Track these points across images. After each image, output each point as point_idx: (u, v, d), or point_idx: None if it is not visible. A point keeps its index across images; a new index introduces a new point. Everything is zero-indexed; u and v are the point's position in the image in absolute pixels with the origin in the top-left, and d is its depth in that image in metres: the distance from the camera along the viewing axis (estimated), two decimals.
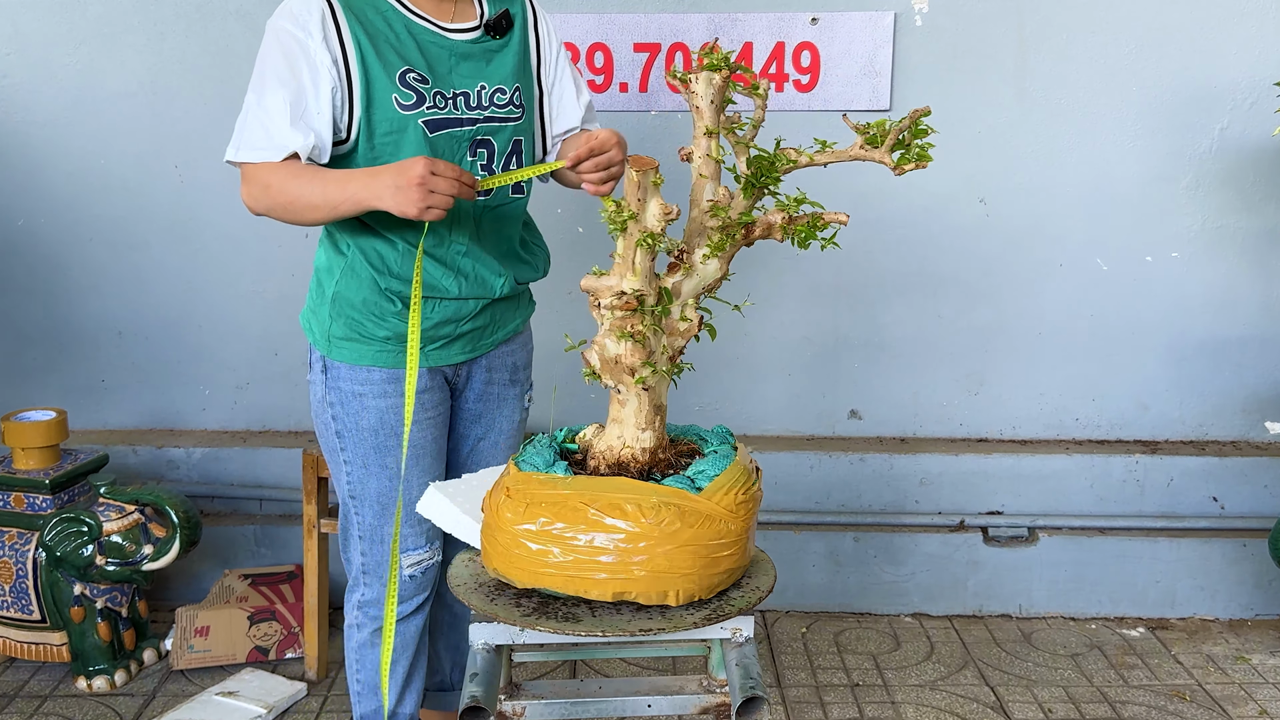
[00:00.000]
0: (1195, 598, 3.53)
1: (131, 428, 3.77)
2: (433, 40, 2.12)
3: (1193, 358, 3.60)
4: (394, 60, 2.07)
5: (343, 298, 2.18)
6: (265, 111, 2.02)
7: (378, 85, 2.05)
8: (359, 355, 2.19)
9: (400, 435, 2.19)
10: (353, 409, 2.21)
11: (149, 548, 3.07)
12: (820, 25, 3.40)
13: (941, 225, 3.54)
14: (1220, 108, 3.43)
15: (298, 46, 2.01)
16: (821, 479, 3.57)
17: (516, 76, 2.22)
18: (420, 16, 2.12)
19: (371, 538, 2.30)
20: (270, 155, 2.02)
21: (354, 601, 2.37)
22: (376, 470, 2.25)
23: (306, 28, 2.01)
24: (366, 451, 2.23)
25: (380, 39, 2.06)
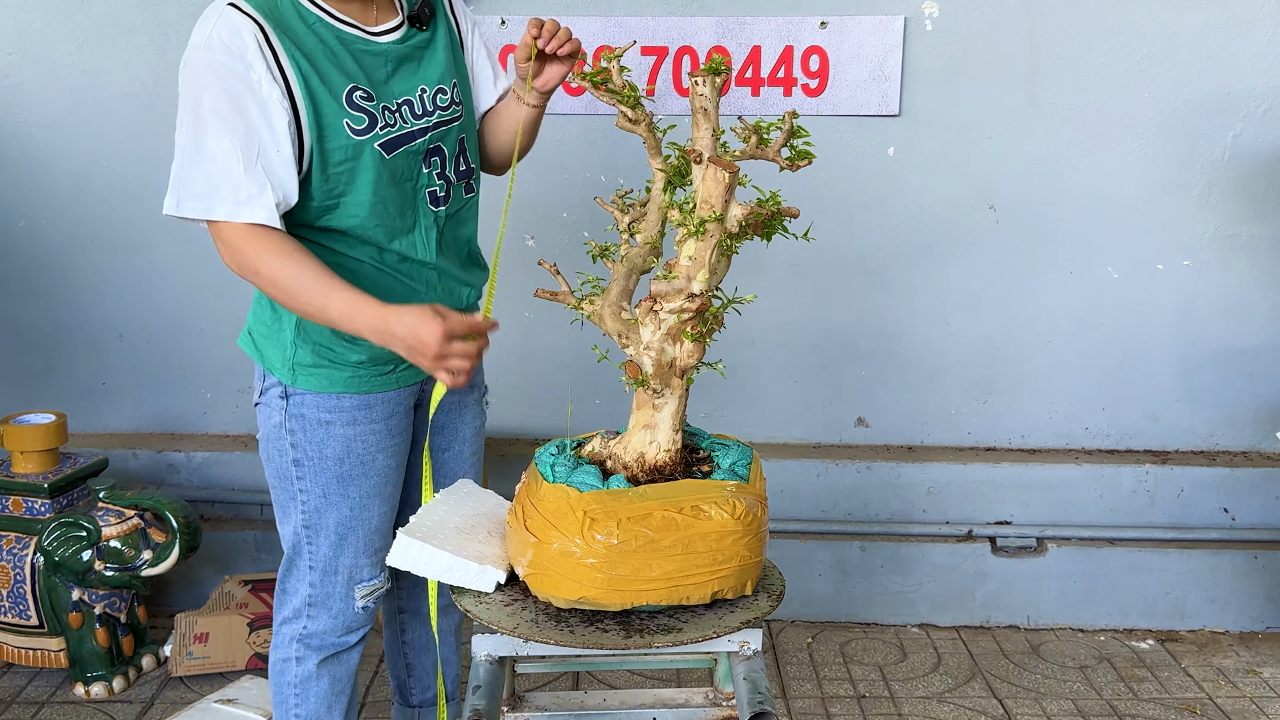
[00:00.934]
0: (1206, 610, 3.49)
1: (132, 431, 3.74)
2: (365, 48, 1.94)
3: (1204, 367, 3.56)
4: (337, 79, 1.89)
5: (308, 325, 2.00)
6: (207, 157, 1.80)
7: (327, 111, 1.87)
8: (329, 382, 2.03)
9: (367, 464, 2.07)
10: (316, 437, 2.05)
11: (148, 553, 3.05)
12: (829, 29, 3.37)
13: (951, 232, 3.50)
14: (1233, 115, 3.39)
15: (239, 81, 1.79)
16: (828, 487, 3.53)
17: (452, 72, 2.06)
18: (348, 24, 1.93)
19: (325, 569, 2.13)
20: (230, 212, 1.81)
21: (290, 634, 2.18)
22: (338, 500, 2.08)
23: (245, 59, 1.79)
24: (328, 481, 2.07)
25: (319, 58, 1.87)
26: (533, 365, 3.57)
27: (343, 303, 1.83)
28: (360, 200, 1.94)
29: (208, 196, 1.81)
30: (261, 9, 1.84)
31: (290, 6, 1.89)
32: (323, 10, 1.91)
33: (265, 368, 2.07)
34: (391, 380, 2.08)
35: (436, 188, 2.04)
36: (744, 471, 1.83)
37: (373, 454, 2.08)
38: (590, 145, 3.46)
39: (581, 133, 3.46)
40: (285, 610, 2.19)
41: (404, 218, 2.00)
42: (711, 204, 1.76)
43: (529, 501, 1.78)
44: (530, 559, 1.75)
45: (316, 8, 1.91)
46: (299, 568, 2.15)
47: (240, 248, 1.84)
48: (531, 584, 1.76)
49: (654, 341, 1.80)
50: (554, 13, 3.38)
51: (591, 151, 3.47)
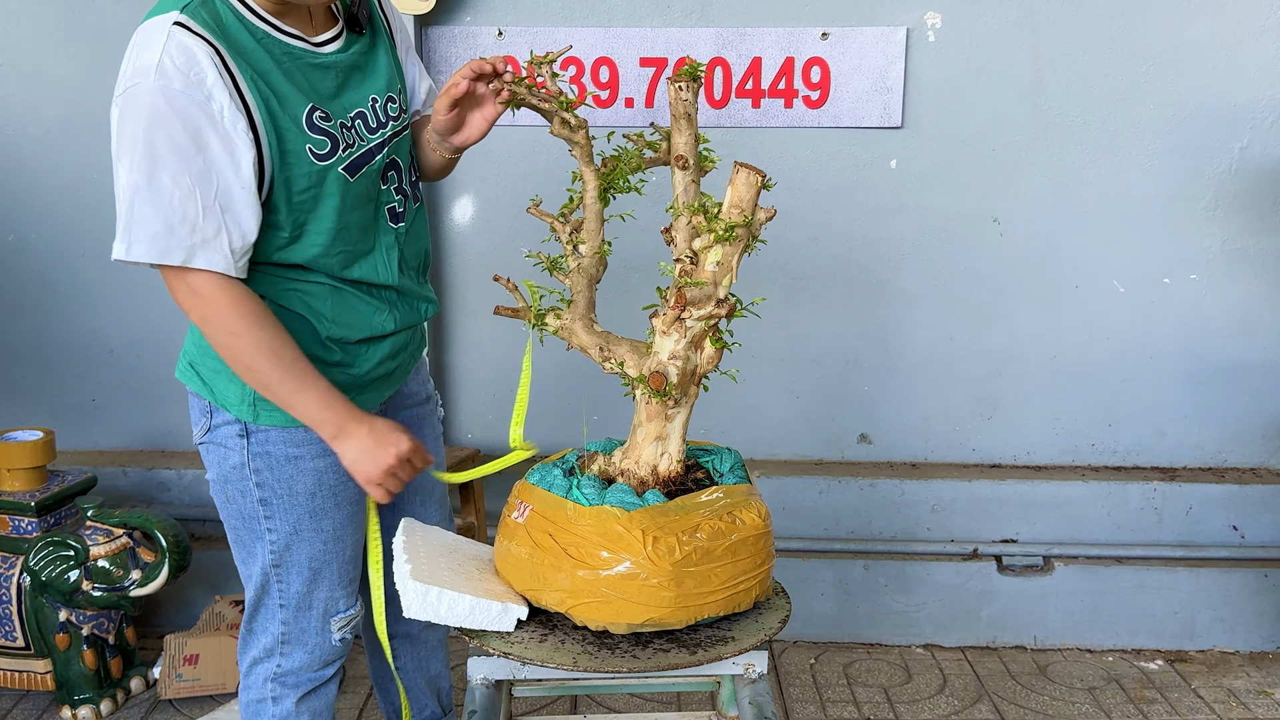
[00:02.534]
0: (1215, 629, 3.44)
1: (122, 448, 3.69)
2: (312, 61, 1.79)
3: (1211, 382, 3.51)
4: (296, 100, 1.74)
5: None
6: (161, 196, 1.64)
7: (289, 137, 1.72)
8: (289, 419, 1.87)
9: (340, 494, 1.97)
10: (285, 473, 1.92)
11: (137, 573, 2.99)
12: (831, 40, 3.33)
13: (954, 245, 3.46)
14: (1240, 127, 3.36)
15: (199, 113, 1.63)
16: (831, 505, 3.48)
17: (397, 76, 1.94)
18: (294, 36, 1.78)
19: (298, 606, 2.02)
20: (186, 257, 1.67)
21: (263, 674, 2.07)
22: (310, 536, 1.97)
23: (204, 86, 1.63)
24: (300, 517, 1.95)
25: (274, 77, 1.72)
26: None
27: (312, 403, 1.78)
28: (323, 229, 1.81)
29: (163, 239, 1.65)
30: (209, 27, 1.66)
31: (235, 22, 1.71)
32: (267, 23, 1.75)
33: (217, 404, 1.91)
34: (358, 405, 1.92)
35: (395, 203, 1.93)
36: (743, 474, 1.84)
37: (345, 483, 1.96)
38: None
39: None
40: (254, 650, 2.08)
41: (365, 240, 1.89)
42: (742, 208, 1.71)
43: (560, 527, 1.69)
44: (571, 587, 1.66)
45: (262, 21, 1.75)
46: (267, 606, 2.04)
47: (208, 298, 1.71)
48: (579, 614, 1.67)
49: (679, 350, 1.74)
50: (550, 24, 3.35)
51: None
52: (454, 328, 3.57)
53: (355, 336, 1.92)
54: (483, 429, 3.63)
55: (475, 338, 3.57)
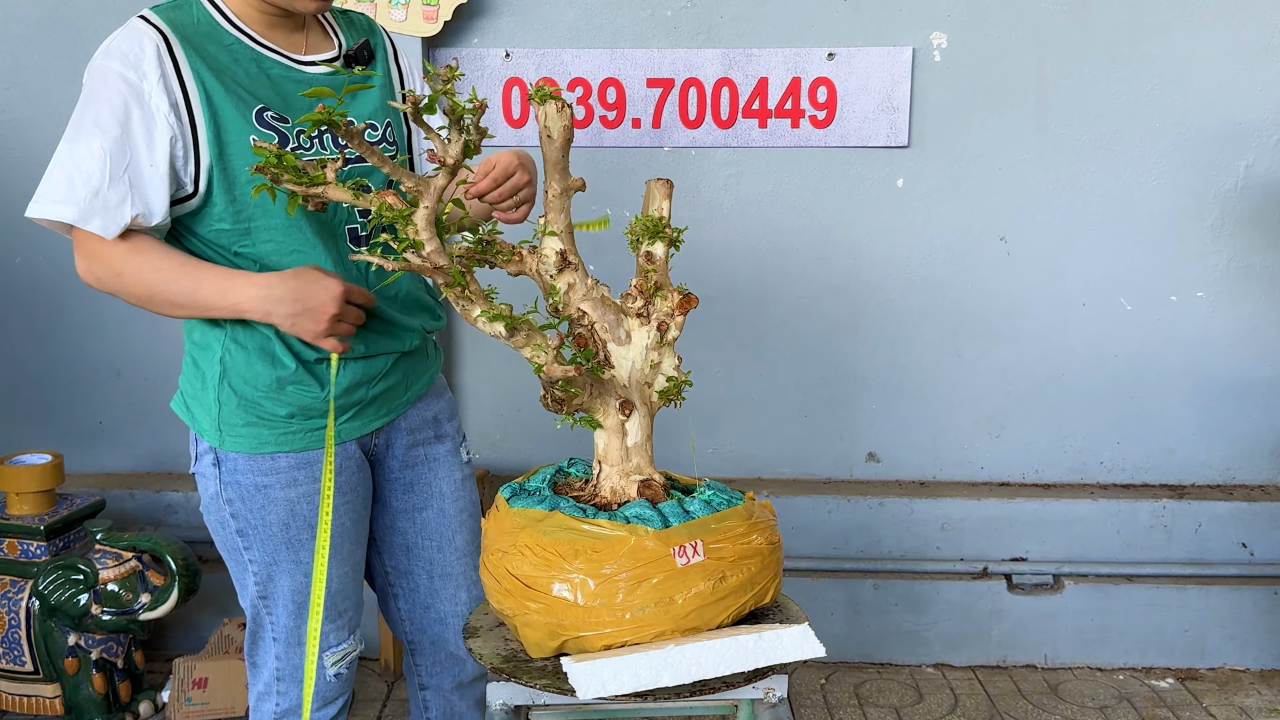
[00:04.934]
0: (1225, 647, 3.43)
1: (129, 471, 3.68)
2: (286, 74, 1.85)
3: (1219, 399, 3.51)
4: (245, 98, 1.79)
5: (230, 376, 1.86)
6: (75, 162, 1.73)
7: (230, 127, 1.77)
8: (259, 442, 1.87)
9: (314, 526, 1.91)
10: (256, 503, 1.89)
11: (146, 596, 2.98)
12: (837, 60, 3.33)
13: (961, 263, 3.46)
14: (1245, 144, 3.36)
15: (129, 90, 1.72)
16: (839, 524, 3.47)
17: (385, 111, 1.96)
18: (271, 49, 1.85)
19: (288, 640, 1.99)
20: (80, 216, 1.72)
21: (268, 712, 2.05)
22: (289, 568, 1.94)
23: (140, 68, 1.72)
24: (276, 548, 1.92)
25: (227, 75, 1.78)
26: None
27: (214, 280, 1.77)
28: (273, 225, 1.82)
29: (65, 201, 1.73)
30: (171, 23, 1.77)
31: (206, 26, 1.81)
32: (243, 34, 1.84)
33: (196, 431, 1.93)
34: (334, 434, 1.91)
35: (358, 225, 1.91)
36: None
37: (318, 513, 1.91)
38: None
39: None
40: (258, 685, 2.07)
41: (325, 250, 1.87)
42: (663, 211, 1.79)
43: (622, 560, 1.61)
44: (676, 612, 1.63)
45: (237, 30, 1.83)
46: (264, 640, 2.03)
47: (97, 253, 1.77)
48: None
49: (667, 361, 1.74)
50: (558, 45, 3.35)
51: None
52: (460, 347, 3.57)
53: (312, 355, 1.88)
54: (490, 449, 3.62)
55: (481, 356, 3.56)
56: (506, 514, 1.73)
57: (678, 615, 1.62)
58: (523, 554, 1.66)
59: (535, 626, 1.65)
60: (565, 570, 1.62)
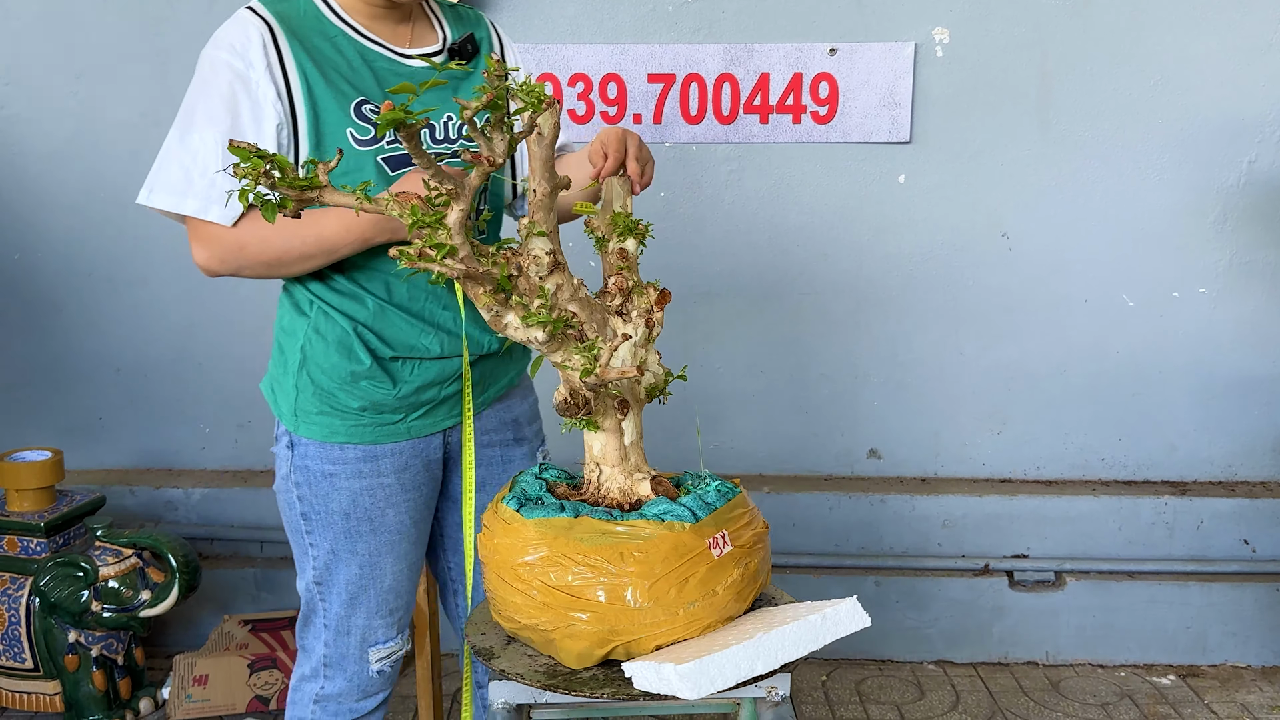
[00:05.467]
0: (1227, 644, 3.42)
1: (129, 467, 3.67)
2: (389, 67, 1.87)
3: (1221, 396, 3.51)
4: (347, 89, 1.82)
5: (309, 365, 1.89)
6: (189, 152, 1.77)
7: (329, 119, 1.80)
8: (330, 431, 1.90)
9: (375, 520, 1.95)
10: (321, 490, 1.92)
11: (147, 593, 2.97)
12: (839, 56, 3.32)
13: (963, 260, 3.46)
14: (1248, 140, 3.35)
15: (237, 79, 1.76)
16: (840, 520, 3.46)
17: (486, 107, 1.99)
18: (375, 42, 1.88)
19: (338, 629, 2.00)
20: (200, 207, 1.76)
21: (309, 694, 2.06)
22: (346, 558, 1.96)
23: (246, 57, 1.76)
24: (336, 536, 1.94)
25: (329, 67, 1.82)
26: None
27: (333, 219, 1.77)
28: None
29: (183, 194, 1.77)
30: (277, 14, 1.82)
31: (311, 18, 1.85)
32: (348, 25, 1.87)
33: (276, 414, 1.97)
34: (400, 431, 1.93)
35: None
36: None
37: (381, 509, 1.94)
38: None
39: None
40: (304, 668, 2.08)
41: None
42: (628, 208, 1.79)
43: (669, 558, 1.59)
44: None
45: (342, 23, 1.87)
46: (314, 625, 2.04)
47: (217, 237, 1.79)
48: None
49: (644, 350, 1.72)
50: (559, 41, 3.35)
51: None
52: None
53: (387, 353, 1.90)
54: None
55: None
56: (523, 525, 1.66)
57: (719, 606, 1.63)
58: (563, 564, 1.61)
59: (581, 636, 1.61)
60: (615, 575, 1.59)
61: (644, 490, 1.76)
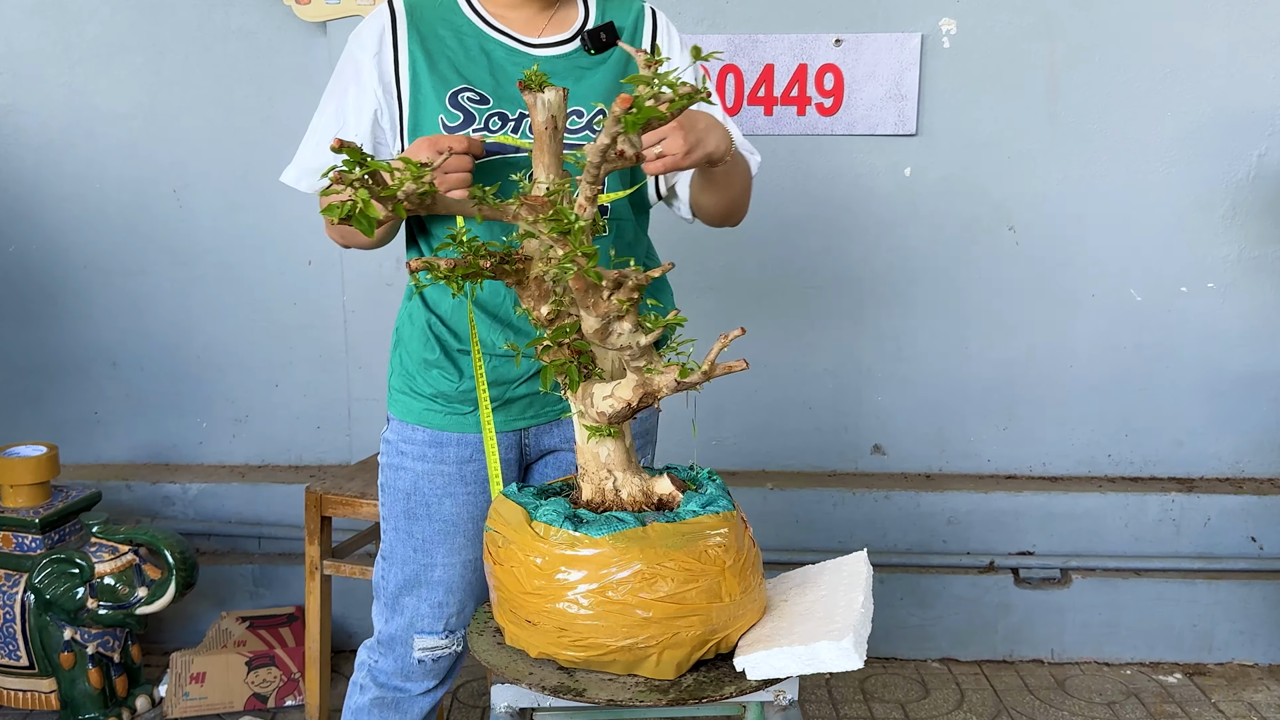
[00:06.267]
0: (1234, 642, 3.39)
1: (125, 462, 3.64)
2: (509, 57, 1.85)
3: (1229, 392, 3.47)
4: (451, 79, 1.83)
5: (401, 346, 1.99)
6: (311, 132, 1.92)
7: (425, 107, 1.83)
8: (406, 411, 1.97)
9: (432, 506, 1.97)
10: (393, 465, 1.99)
11: (143, 590, 2.94)
12: (844, 47, 3.28)
13: (969, 254, 3.42)
14: (1258, 133, 3.32)
15: (351, 65, 1.87)
16: (845, 517, 3.43)
17: (604, 95, 1.87)
18: (500, 31, 1.87)
19: (392, 606, 2.04)
20: (306, 181, 1.89)
21: (364, 661, 2.12)
22: (404, 537, 1.99)
23: (365, 43, 1.86)
24: (398, 515, 2.00)
25: (441, 56, 1.84)
26: None
27: None
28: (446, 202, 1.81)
29: (297, 166, 1.90)
30: (410, 4, 1.88)
31: (445, 8, 1.88)
32: (477, 14, 1.89)
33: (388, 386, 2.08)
34: (469, 423, 1.93)
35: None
36: None
37: (439, 497, 1.96)
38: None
39: None
40: (371, 637, 2.13)
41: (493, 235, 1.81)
42: None
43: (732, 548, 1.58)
44: None
45: (472, 11, 1.89)
46: (379, 600, 2.09)
47: None
48: None
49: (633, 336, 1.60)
50: None
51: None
52: None
53: (455, 345, 1.92)
54: None
55: None
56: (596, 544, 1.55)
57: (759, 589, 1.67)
58: (661, 574, 1.54)
59: (685, 644, 1.56)
60: (712, 574, 1.56)
61: (664, 488, 1.71)
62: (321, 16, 3.23)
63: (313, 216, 3.42)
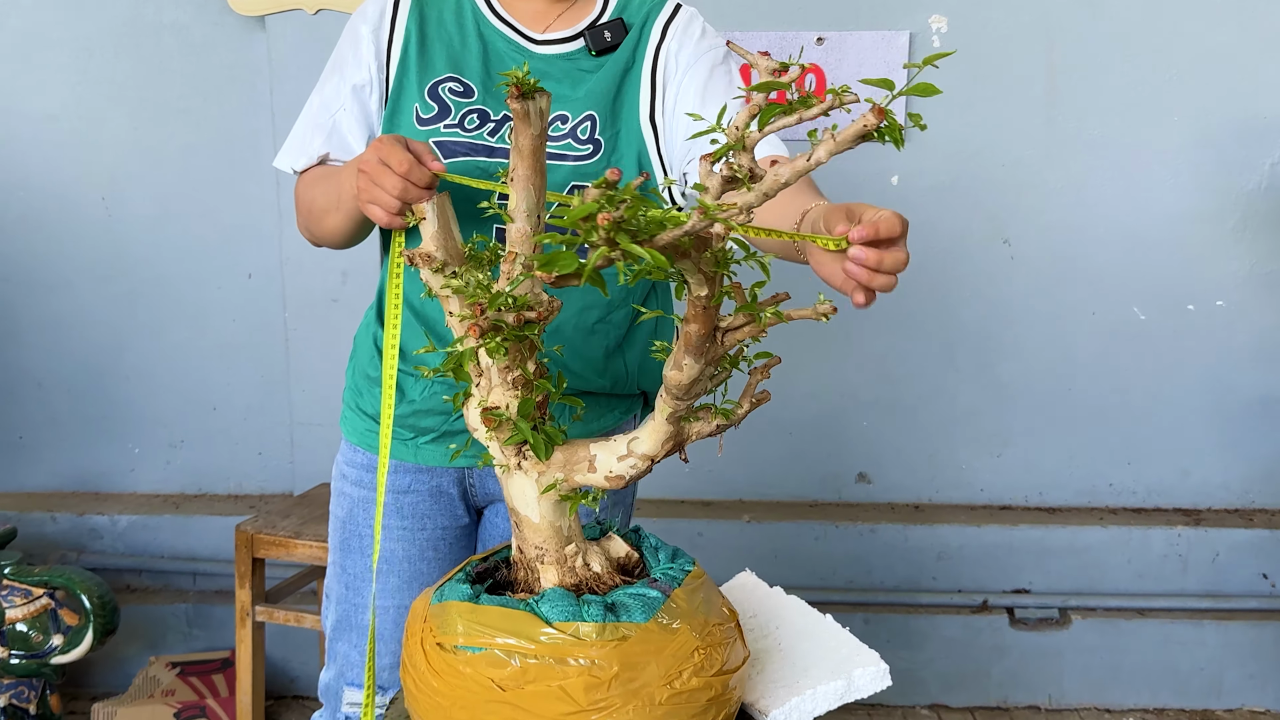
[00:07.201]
0: (1244, 687, 3.20)
1: (50, 491, 3.41)
2: (507, 51, 1.69)
3: (1239, 417, 3.30)
4: (438, 65, 1.68)
5: (354, 358, 1.85)
6: (307, 108, 1.76)
7: (405, 93, 1.69)
8: (352, 430, 1.81)
9: (365, 539, 1.78)
10: (337, 490, 1.84)
11: (59, 638, 2.72)
12: (827, 46, 3.08)
13: (961, 268, 3.24)
14: (1270, 141, 3.15)
15: (352, 36, 1.73)
16: (827, 551, 3.23)
17: (599, 103, 1.68)
18: (505, 21, 1.71)
19: (330, 651, 1.83)
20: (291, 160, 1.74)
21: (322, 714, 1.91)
22: (339, 571, 1.81)
23: (367, 18, 1.73)
24: (335, 546, 1.83)
25: (435, 40, 1.70)
26: None
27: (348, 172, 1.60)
28: None
29: (289, 146, 1.75)
30: None
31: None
32: (488, 4, 1.73)
33: None
34: (408, 450, 1.75)
35: None
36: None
37: (373, 529, 1.68)
38: None
39: None
40: None
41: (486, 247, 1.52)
42: None
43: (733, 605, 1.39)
44: None
45: (488, 8, 1.73)
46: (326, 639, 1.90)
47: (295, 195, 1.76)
48: None
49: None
50: None
51: None
52: None
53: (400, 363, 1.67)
54: None
55: None
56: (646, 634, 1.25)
57: None
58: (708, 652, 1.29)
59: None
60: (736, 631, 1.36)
61: (620, 549, 1.46)
62: (259, 10, 3.03)
63: (252, 225, 3.22)
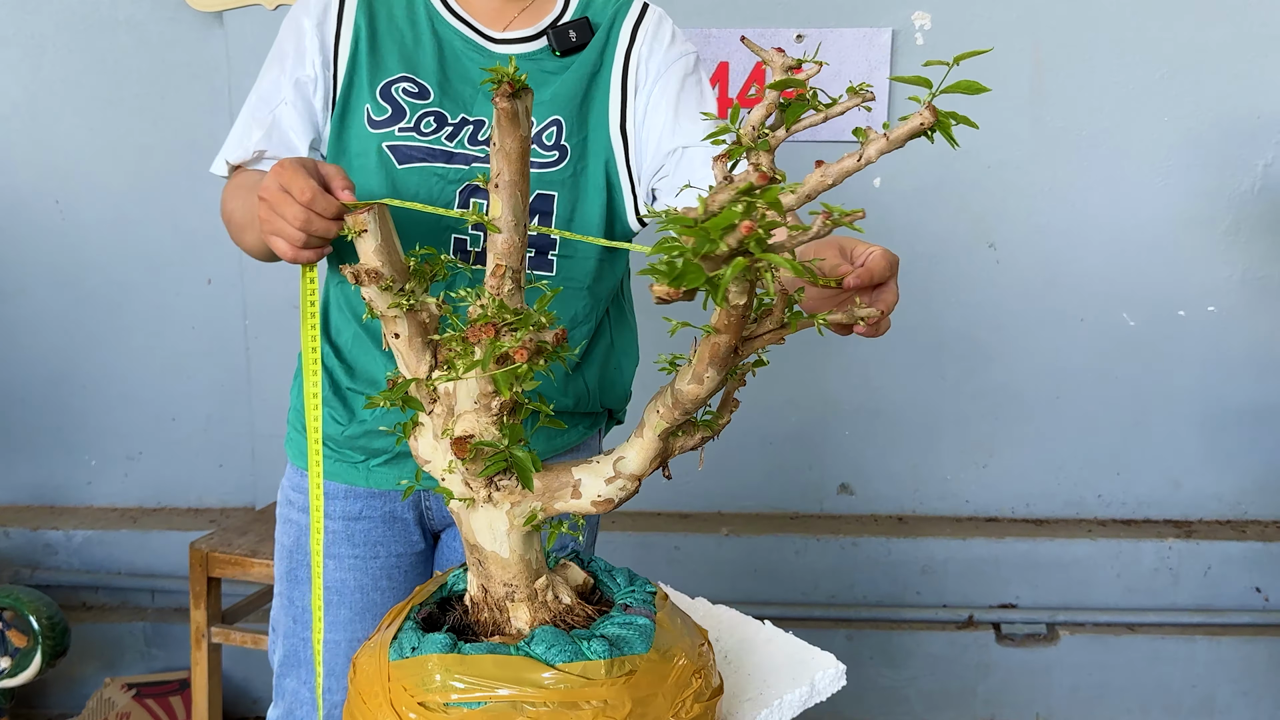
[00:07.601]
0: (1237, 704, 3.13)
1: (4, 505, 3.31)
2: (465, 50, 1.60)
3: (1232, 426, 3.22)
4: (390, 65, 1.58)
5: (296, 378, 1.73)
6: (245, 104, 1.63)
7: (355, 94, 1.58)
8: (297, 452, 1.72)
9: (311, 568, 1.65)
10: (283, 516, 1.74)
11: (6, 661, 2.64)
12: (806, 44, 2.99)
13: (945, 273, 3.16)
14: (1264, 141, 3.07)
15: (293, 28, 1.61)
16: (808, 566, 3.15)
17: (565, 107, 1.60)
18: (461, 19, 1.62)
19: (278, 688, 1.73)
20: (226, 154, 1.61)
21: None
22: (285, 603, 1.72)
23: (308, 8, 1.61)
24: (282, 576, 1.73)
25: (386, 37, 1.59)
26: None
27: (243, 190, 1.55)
28: None
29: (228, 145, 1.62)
30: None
31: None
32: (448, 8, 1.62)
33: None
34: (359, 474, 1.66)
35: (468, 238, 1.55)
36: None
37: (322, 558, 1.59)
38: None
39: None
40: None
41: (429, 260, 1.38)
42: None
43: None
44: None
45: (443, 4, 1.63)
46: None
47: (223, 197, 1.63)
48: None
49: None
50: None
51: None
52: None
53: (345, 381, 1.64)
54: None
55: None
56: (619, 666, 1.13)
57: None
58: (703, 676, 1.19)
59: None
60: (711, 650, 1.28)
61: (578, 577, 1.34)
62: (217, 6, 2.93)
63: (212, 228, 3.10)
